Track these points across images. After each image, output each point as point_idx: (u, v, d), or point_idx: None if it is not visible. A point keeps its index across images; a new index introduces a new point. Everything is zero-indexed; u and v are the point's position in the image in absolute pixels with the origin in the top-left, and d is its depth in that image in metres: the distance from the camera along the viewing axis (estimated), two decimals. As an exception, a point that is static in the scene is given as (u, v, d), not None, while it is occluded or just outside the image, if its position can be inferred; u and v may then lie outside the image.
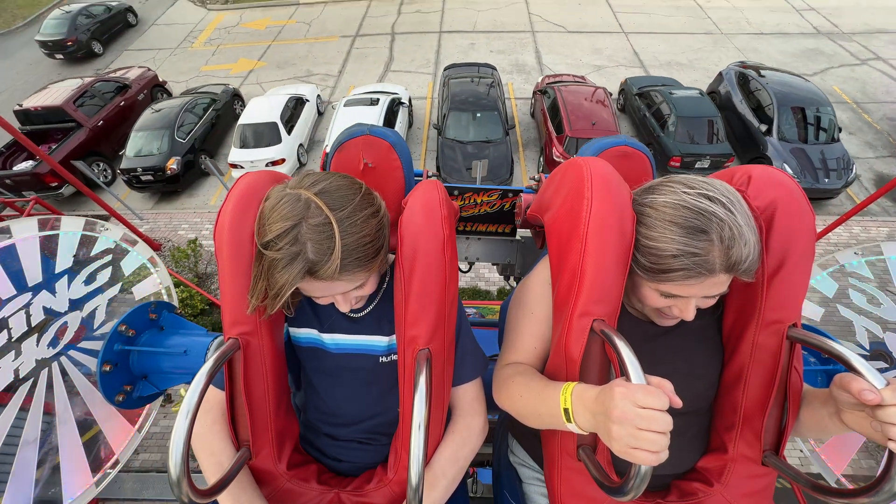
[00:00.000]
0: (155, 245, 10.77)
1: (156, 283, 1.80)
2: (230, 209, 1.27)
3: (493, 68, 15.17)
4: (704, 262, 1.07)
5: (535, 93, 15.21)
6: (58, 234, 1.71)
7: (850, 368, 1.02)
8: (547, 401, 1.15)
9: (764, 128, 12.88)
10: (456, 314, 1.42)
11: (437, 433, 1.44)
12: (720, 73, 15.22)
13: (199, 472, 1.39)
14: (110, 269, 1.75)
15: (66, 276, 1.66)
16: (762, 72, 14.16)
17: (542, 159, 13.43)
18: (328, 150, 10.66)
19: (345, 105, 13.54)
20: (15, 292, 1.56)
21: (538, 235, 2.08)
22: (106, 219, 10.05)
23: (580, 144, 11.69)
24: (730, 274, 1.09)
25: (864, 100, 15.69)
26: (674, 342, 1.38)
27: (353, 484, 1.49)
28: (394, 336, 1.47)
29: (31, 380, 1.51)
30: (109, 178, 13.94)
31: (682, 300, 1.19)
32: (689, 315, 1.19)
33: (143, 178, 12.65)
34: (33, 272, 1.62)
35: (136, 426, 1.60)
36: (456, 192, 3.16)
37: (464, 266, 4.02)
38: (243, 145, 13.06)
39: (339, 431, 1.54)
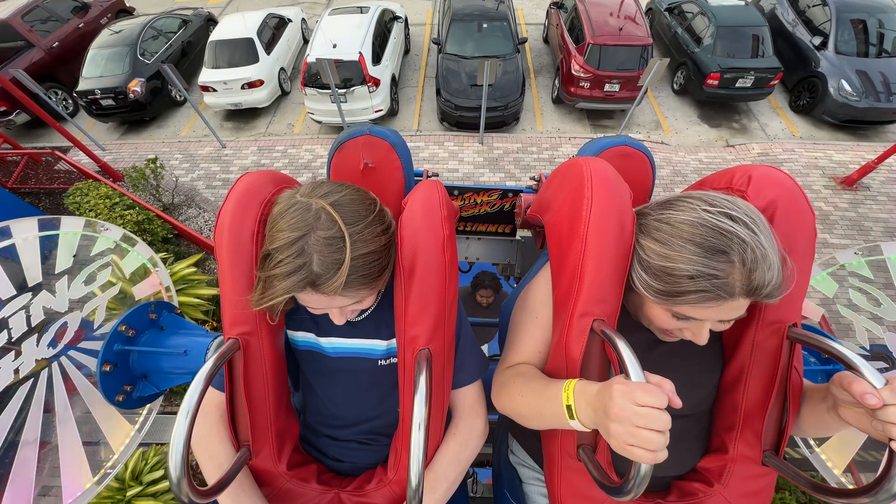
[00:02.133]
0: (117, 175, 10.10)
1: (156, 283, 1.80)
2: (230, 209, 1.27)
3: None
4: (724, 284, 1.03)
5: (549, 8, 13.77)
6: (58, 234, 1.71)
7: (850, 368, 1.02)
8: (549, 399, 1.15)
9: (817, 41, 11.29)
10: (456, 314, 1.42)
11: (437, 433, 1.44)
12: (762, -12, 13.33)
13: (199, 472, 1.41)
14: (110, 269, 1.75)
15: (66, 276, 1.66)
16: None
17: (557, 81, 12.04)
18: (309, 59, 10.47)
19: (329, 14, 12.19)
20: (15, 292, 1.56)
21: (538, 235, 2.09)
22: (66, 150, 9.71)
23: (604, 55, 10.71)
24: (750, 298, 1.05)
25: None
26: (676, 349, 1.38)
27: (353, 484, 1.50)
28: (392, 340, 1.48)
29: (31, 380, 1.51)
30: (71, 109, 12.76)
31: (695, 323, 1.16)
32: (703, 339, 1.17)
33: (104, 102, 11.43)
34: (33, 272, 1.62)
35: (137, 426, 1.60)
36: (456, 192, 3.17)
37: (464, 266, 4.04)
38: (215, 66, 11.73)
39: (339, 433, 1.55)
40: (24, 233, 1.65)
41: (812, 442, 1.64)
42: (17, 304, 1.55)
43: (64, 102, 12.60)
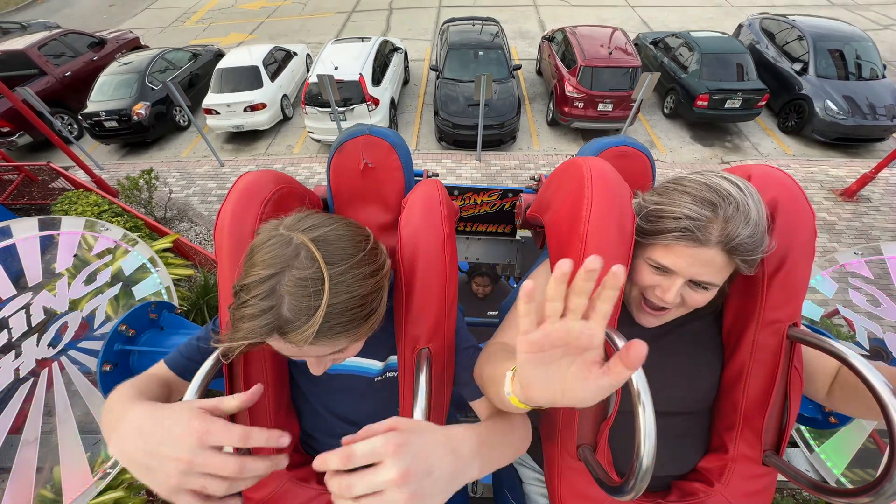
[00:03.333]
0: (111, 190, 9.91)
1: (156, 283, 1.79)
2: (230, 209, 1.27)
3: (496, 21, 13.74)
4: (703, 227, 1.09)
5: (541, 42, 14.42)
6: (58, 234, 1.71)
7: (850, 368, 1.03)
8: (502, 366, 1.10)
9: (798, 66, 11.95)
10: (456, 314, 1.41)
11: None
12: (740, 25, 14.38)
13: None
14: (110, 269, 1.75)
15: (65, 276, 1.66)
16: (790, 17, 13.12)
17: (551, 104, 12.39)
18: (311, 80, 10.67)
19: (332, 43, 12.72)
20: (15, 292, 1.56)
21: (538, 235, 2.09)
22: (66, 170, 9.49)
23: (595, 76, 11.20)
24: (724, 251, 1.11)
25: (894, 59, 15.25)
26: (675, 344, 1.39)
27: None
28: (390, 358, 1.45)
29: (32, 380, 1.51)
30: (75, 133, 12.84)
31: (668, 278, 1.19)
32: (670, 296, 1.19)
33: (107, 124, 11.52)
34: (33, 272, 1.62)
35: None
36: (456, 192, 3.18)
37: (464, 266, 4.04)
38: (220, 91, 12.02)
39: (338, 422, 1.52)
40: (24, 233, 1.65)
41: (812, 442, 1.64)
42: (17, 304, 1.55)
43: (69, 127, 12.73)
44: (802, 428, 1.76)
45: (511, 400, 0.97)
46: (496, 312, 3.18)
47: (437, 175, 2.87)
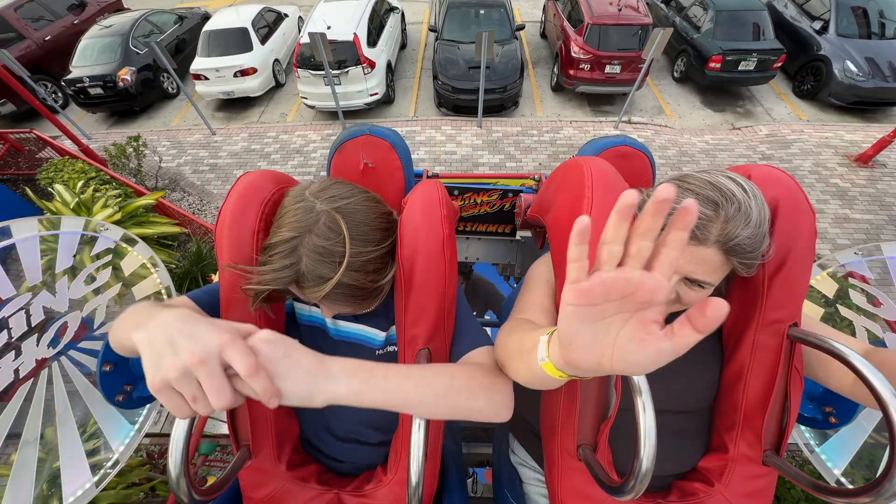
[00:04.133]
0: (100, 160, 9.42)
1: (156, 283, 1.79)
2: (230, 208, 1.26)
3: None
4: (702, 226, 1.07)
5: (546, 2, 13.72)
6: (58, 234, 1.71)
7: (850, 368, 1.02)
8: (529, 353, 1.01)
9: (818, 25, 11.20)
10: (455, 314, 1.41)
11: (437, 433, 1.44)
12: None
13: (199, 471, 1.40)
14: (110, 269, 1.75)
15: (66, 277, 1.66)
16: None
17: (556, 68, 11.86)
18: (302, 40, 10.25)
19: (325, 1, 11.84)
20: (15, 292, 1.56)
21: (538, 235, 2.09)
22: (54, 139, 9.14)
23: (603, 35, 10.56)
24: (721, 251, 1.09)
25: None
26: None
27: (352, 484, 1.50)
28: (391, 330, 1.48)
29: (31, 380, 1.51)
30: (61, 101, 12.17)
31: None
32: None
33: (92, 91, 11.10)
34: (33, 272, 1.62)
35: (136, 426, 1.60)
36: (456, 192, 3.16)
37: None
38: (208, 54, 11.45)
39: (340, 423, 1.53)
40: (24, 233, 1.65)
41: (812, 442, 1.65)
42: (17, 304, 1.55)
43: (54, 95, 12.24)
44: (802, 428, 1.76)
45: (545, 368, 0.88)
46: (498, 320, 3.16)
47: (437, 175, 2.86)
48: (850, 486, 1.50)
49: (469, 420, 1.10)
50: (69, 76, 11.22)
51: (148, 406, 1.65)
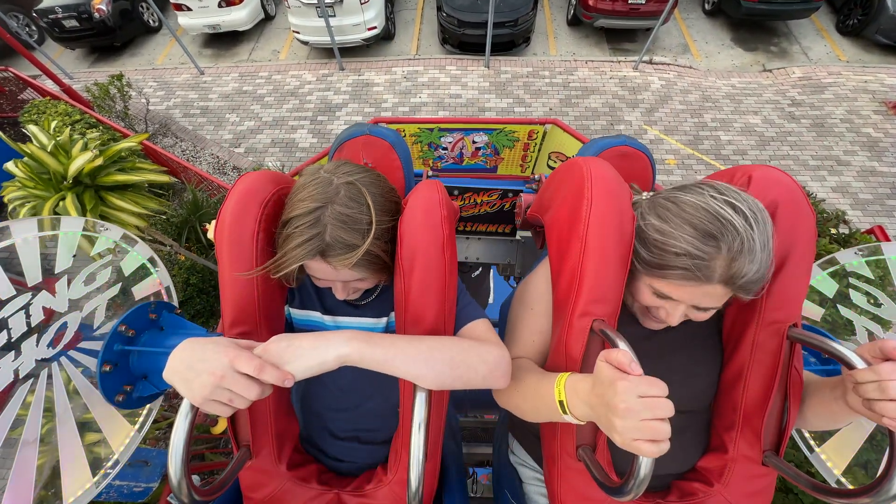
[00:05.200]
0: (84, 102, 8.89)
1: (156, 283, 1.79)
2: (230, 208, 1.27)
3: None
4: (705, 267, 1.06)
5: None
6: (57, 234, 1.71)
7: (850, 368, 1.02)
8: (543, 395, 1.15)
9: None
10: (455, 314, 1.41)
11: (437, 433, 1.44)
12: None
13: (199, 472, 1.40)
14: (110, 269, 1.75)
15: (65, 277, 1.66)
16: None
17: None
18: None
19: None
20: (14, 292, 1.56)
21: (538, 235, 2.09)
22: (35, 78, 8.63)
23: None
24: (727, 287, 1.09)
25: None
26: (673, 340, 1.39)
27: (353, 484, 1.51)
28: (390, 315, 1.52)
29: (31, 380, 1.51)
30: (35, 37, 11.58)
31: (671, 303, 1.20)
32: (674, 320, 1.20)
33: (66, 23, 10.48)
34: (33, 272, 1.62)
35: (136, 426, 1.60)
36: (456, 192, 3.17)
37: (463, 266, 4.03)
38: None
39: (340, 423, 1.54)
40: (24, 233, 1.65)
41: (812, 442, 1.65)
42: (16, 304, 1.55)
43: (27, 29, 11.66)
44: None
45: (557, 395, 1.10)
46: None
47: (436, 176, 2.86)
48: (850, 487, 1.50)
49: (468, 381, 1.20)
50: (40, 6, 10.68)
51: (148, 406, 1.65)
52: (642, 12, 10.04)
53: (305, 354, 1.03)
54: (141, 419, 1.62)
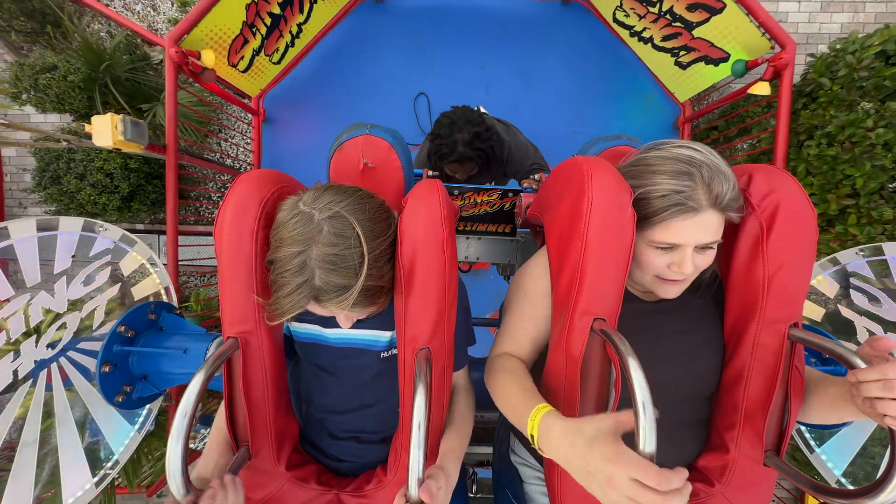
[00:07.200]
0: None
1: (155, 283, 1.79)
2: (230, 207, 1.26)
3: None
4: (690, 197, 1.13)
5: None
6: (56, 235, 1.71)
7: (851, 368, 1.02)
8: (520, 417, 1.18)
9: None
10: (455, 314, 1.41)
11: (437, 433, 1.44)
12: None
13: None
14: (109, 268, 1.75)
15: (64, 277, 1.66)
16: None
17: None
18: None
19: None
20: (13, 293, 1.56)
21: (538, 235, 2.09)
22: None
23: None
24: (716, 210, 1.15)
25: None
26: (674, 321, 1.39)
27: (352, 484, 1.50)
28: (395, 331, 1.46)
29: (31, 381, 1.51)
30: None
31: (678, 252, 1.22)
32: (688, 267, 1.21)
33: None
34: (32, 272, 1.62)
35: (136, 426, 1.60)
36: (456, 192, 3.16)
37: (463, 266, 4.03)
38: None
39: (340, 425, 1.54)
40: (23, 233, 1.65)
41: (813, 443, 1.65)
42: (15, 305, 1.55)
43: None
44: (803, 428, 1.77)
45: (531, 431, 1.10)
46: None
47: (437, 176, 2.85)
48: (851, 487, 1.50)
49: None
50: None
51: (147, 406, 1.65)
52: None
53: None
54: (141, 419, 1.62)
